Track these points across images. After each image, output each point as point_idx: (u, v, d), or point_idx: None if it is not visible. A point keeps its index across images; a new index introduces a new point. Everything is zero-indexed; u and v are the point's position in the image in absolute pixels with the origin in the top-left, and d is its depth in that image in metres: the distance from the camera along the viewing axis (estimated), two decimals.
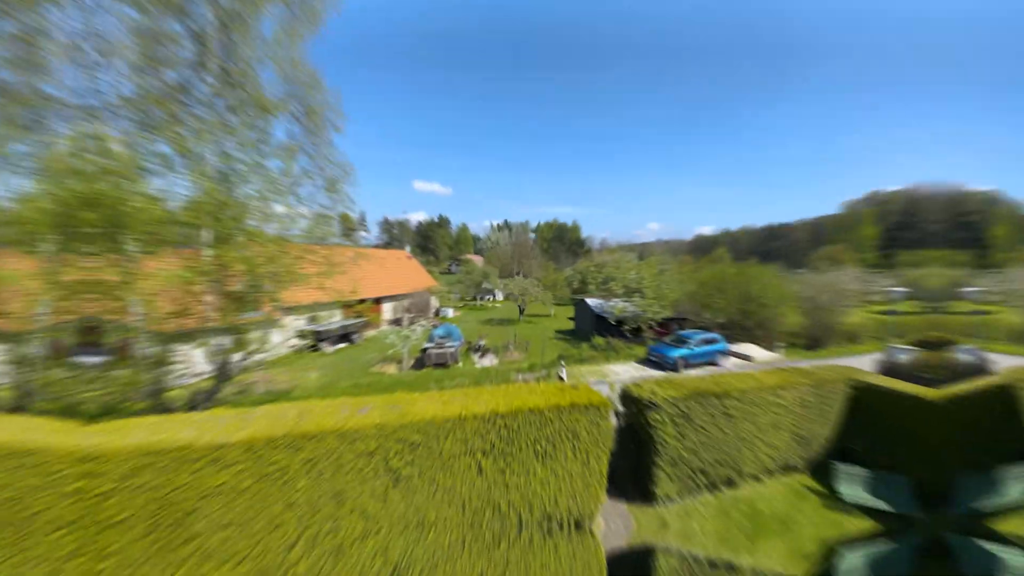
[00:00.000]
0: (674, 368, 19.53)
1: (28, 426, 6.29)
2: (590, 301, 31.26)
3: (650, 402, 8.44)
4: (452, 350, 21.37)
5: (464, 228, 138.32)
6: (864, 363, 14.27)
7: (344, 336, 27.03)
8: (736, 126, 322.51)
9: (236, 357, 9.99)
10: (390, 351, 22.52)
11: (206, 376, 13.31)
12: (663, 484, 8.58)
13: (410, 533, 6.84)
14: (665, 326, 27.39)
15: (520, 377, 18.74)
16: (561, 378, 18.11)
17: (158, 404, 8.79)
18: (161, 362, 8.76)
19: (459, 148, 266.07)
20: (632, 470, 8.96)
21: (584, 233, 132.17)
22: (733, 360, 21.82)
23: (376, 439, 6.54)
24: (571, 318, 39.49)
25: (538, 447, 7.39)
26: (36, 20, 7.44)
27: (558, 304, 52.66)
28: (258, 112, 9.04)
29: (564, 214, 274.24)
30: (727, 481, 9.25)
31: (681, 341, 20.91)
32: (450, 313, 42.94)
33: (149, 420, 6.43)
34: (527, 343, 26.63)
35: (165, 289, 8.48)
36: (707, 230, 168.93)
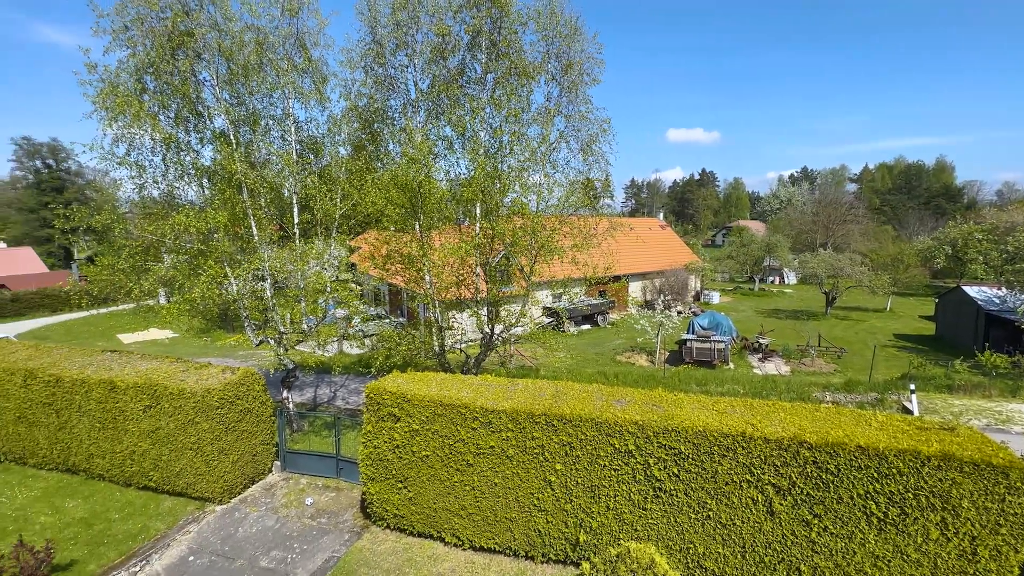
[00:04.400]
0: None
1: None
2: (971, 291, 22.72)
3: None
4: (721, 346, 20.03)
5: (737, 184, 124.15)
6: None
7: (589, 316, 29.44)
8: None
9: (498, 329, 12.49)
10: (640, 339, 23.02)
11: (472, 344, 17.19)
12: None
13: (672, 557, 6.94)
14: None
15: (827, 397, 15.64)
16: (908, 410, 14.05)
17: (442, 363, 12.05)
18: (445, 327, 11.90)
19: (733, 75, 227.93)
20: None
21: (959, 178, 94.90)
22: None
23: (635, 439, 6.89)
24: (928, 317, 29.92)
25: (873, 506, 6.02)
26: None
27: (900, 293, 40.74)
28: (521, 80, 10.68)
29: (915, 149, 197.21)
30: None
31: None
32: (715, 298, 40.04)
33: (440, 376, 8.90)
34: (841, 349, 22.02)
35: (447, 262, 11.40)
36: None
